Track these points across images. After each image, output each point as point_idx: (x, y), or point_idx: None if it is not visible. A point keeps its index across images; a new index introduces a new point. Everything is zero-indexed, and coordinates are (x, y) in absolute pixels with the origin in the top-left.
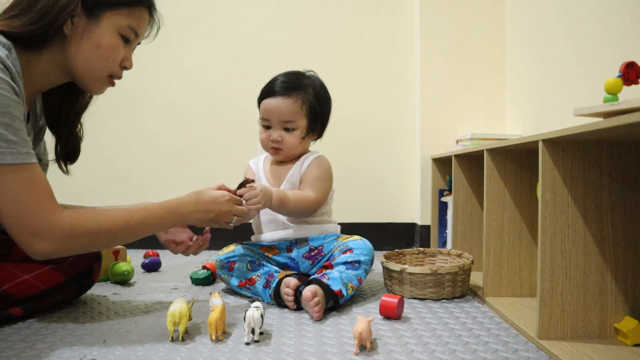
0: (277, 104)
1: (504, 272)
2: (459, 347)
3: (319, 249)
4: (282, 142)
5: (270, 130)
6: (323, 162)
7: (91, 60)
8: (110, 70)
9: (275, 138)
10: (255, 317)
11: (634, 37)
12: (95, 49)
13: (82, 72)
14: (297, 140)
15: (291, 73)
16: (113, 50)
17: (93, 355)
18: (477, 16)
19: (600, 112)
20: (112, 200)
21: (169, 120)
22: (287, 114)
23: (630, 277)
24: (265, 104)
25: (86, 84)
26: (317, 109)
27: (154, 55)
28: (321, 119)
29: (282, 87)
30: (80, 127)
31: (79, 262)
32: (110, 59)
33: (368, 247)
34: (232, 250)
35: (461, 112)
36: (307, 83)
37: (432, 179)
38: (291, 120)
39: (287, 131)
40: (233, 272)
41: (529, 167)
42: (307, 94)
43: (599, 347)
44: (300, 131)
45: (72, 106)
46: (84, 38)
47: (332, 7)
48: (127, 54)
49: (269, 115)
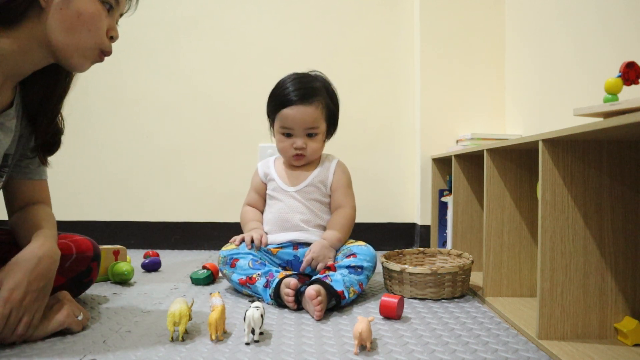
0: (300, 113)
1: (504, 272)
2: (459, 347)
3: None
4: (306, 148)
5: (292, 138)
6: (345, 167)
7: (74, 32)
8: (98, 41)
9: (300, 145)
10: (255, 317)
11: (634, 37)
12: (76, 17)
13: (66, 46)
14: (320, 145)
15: (299, 78)
16: (95, 17)
17: (93, 355)
18: (477, 16)
19: (600, 112)
20: (111, 200)
21: (167, 120)
22: (311, 121)
23: (630, 277)
24: (285, 113)
25: (70, 58)
26: (333, 110)
27: (152, 55)
28: (336, 119)
29: (300, 94)
30: (61, 117)
31: (78, 263)
32: (94, 27)
33: (372, 253)
34: (237, 247)
35: (461, 112)
36: (319, 86)
37: (432, 179)
38: (315, 126)
39: (310, 137)
40: (235, 269)
41: (529, 167)
42: (323, 97)
43: (599, 347)
44: (322, 135)
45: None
46: (63, 8)
47: (331, 6)
48: (111, 24)
49: (292, 125)
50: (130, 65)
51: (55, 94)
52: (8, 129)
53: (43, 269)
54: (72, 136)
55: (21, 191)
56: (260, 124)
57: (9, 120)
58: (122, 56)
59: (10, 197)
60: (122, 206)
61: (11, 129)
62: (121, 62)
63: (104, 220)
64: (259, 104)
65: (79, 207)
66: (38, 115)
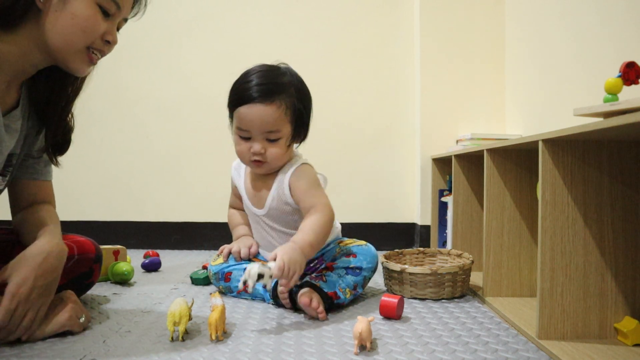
0: (258, 113)
1: (504, 272)
2: (459, 347)
3: (319, 258)
4: (265, 154)
5: (250, 141)
6: (302, 172)
7: (68, 33)
8: (88, 41)
9: (257, 150)
10: (252, 271)
11: (634, 37)
12: (70, 19)
13: (60, 48)
14: (283, 150)
15: (265, 71)
16: (90, 20)
17: (93, 355)
18: (477, 16)
19: (600, 112)
20: (111, 200)
21: (168, 121)
22: (271, 124)
23: (630, 277)
24: (242, 112)
25: (65, 61)
26: (302, 111)
27: (153, 56)
28: (306, 120)
29: (261, 91)
30: (71, 116)
31: (79, 264)
32: (88, 29)
33: (372, 253)
34: (226, 260)
35: (461, 112)
36: (286, 81)
37: (432, 179)
38: (275, 129)
39: (270, 142)
40: (231, 282)
41: (529, 167)
42: (289, 95)
43: (599, 347)
44: (285, 139)
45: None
46: (58, 10)
47: (331, 7)
48: (110, 28)
49: (248, 126)
50: (131, 66)
51: (64, 93)
52: (13, 130)
53: (50, 264)
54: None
55: (26, 191)
56: None
57: (15, 122)
58: (123, 57)
59: (15, 197)
60: (122, 206)
61: (17, 130)
62: (122, 62)
63: (104, 220)
64: None
65: (79, 207)
66: (47, 114)
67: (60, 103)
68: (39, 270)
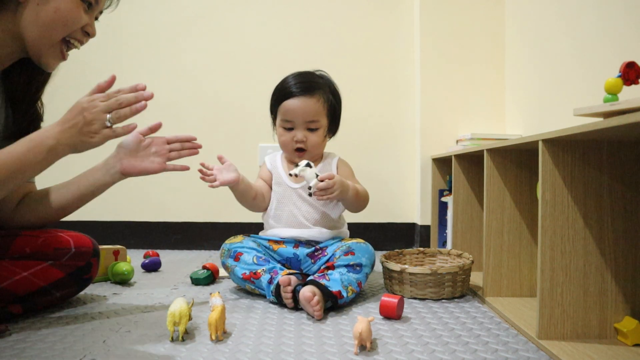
0: (301, 104)
1: (504, 272)
2: (459, 347)
3: (323, 249)
4: (306, 142)
5: (294, 131)
6: (346, 162)
7: (48, 26)
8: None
9: (300, 138)
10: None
11: (634, 37)
12: (53, 13)
13: (37, 40)
14: (321, 139)
15: (302, 73)
16: (73, 12)
17: (93, 355)
18: (477, 16)
19: (600, 112)
20: (111, 200)
21: (168, 120)
22: (312, 114)
23: (630, 277)
24: (287, 105)
25: (39, 54)
26: (335, 107)
27: (153, 55)
28: (338, 115)
29: (302, 87)
30: (40, 104)
31: (76, 257)
32: (70, 22)
33: (370, 250)
34: (240, 241)
35: (461, 112)
36: (322, 82)
37: (432, 179)
38: (315, 120)
39: (310, 131)
40: (239, 263)
41: (529, 167)
42: (325, 92)
43: (599, 347)
44: (323, 130)
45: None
46: (41, 4)
47: (332, 7)
48: (89, 20)
49: (292, 117)
50: (131, 64)
51: (36, 80)
52: None
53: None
54: None
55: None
56: (261, 124)
57: None
58: (122, 55)
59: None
60: (122, 206)
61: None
62: (122, 60)
63: (104, 220)
64: (259, 104)
65: None
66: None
67: (31, 90)
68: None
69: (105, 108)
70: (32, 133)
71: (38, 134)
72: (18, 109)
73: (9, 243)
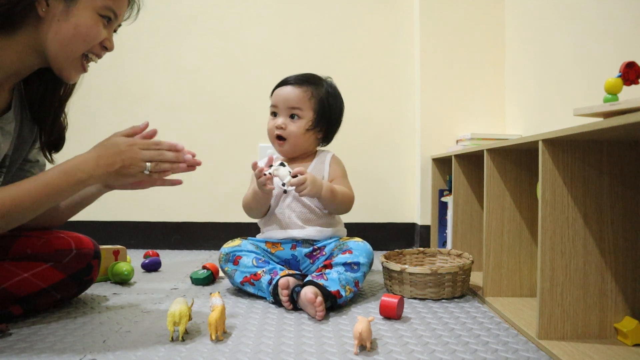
0: (287, 91)
1: (504, 272)
2: (459, 347)
3: (322, 248)
4: (285, 129)
5: (276, 118)
6: (340, 160)
7: (69, 42)
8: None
9: (279, 124)
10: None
11: (634, 37)
12: (73, 29)
13: (59, 55)
14: (301, 131)
15: (306, 73)
16: (93, 29)
17: (93, 355)
18: (477, 16)
19: (600, 112)
20: (111, 200)
21: (167, 120)
22: (294, 101)
23: (630, 277)
24: (276, 91)
25: (60, 68)
26: (326, 106)
27: (153, 55)
28: (328, 118)
29: (295, 78)
30: (64, 116)
31: (77, 259)
32: (90, 38)
33: (368, 249)
34: (238, 244)
35: (461, 112)
36: (320, 82)
37: (432, 179)
38: (297, 107)
39: (292, 119)
40: (238, 267)
41: (529, 167)
42: (318, 88)
43: (599, 347)
44: (306, 122)
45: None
46: (62, 20)
47: (332, 6)
48: (108, 34)
49: (277, 101)
50: (131, 64)
51: (57, 94)
52: (7, 133)
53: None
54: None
55: None
56: (261, 124)
57: (8, 124)
58: (123, 55)
59: None
60: (122, 206)
61: (10, 132)
62: (122, 60)
63: (104, 220)
64: (258, 104)
65: None
66: (41, 114)
67: (54, 103)
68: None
69: (146, 157)
70: (67, 163)
71: (72, 167)
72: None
73: (10, 244)
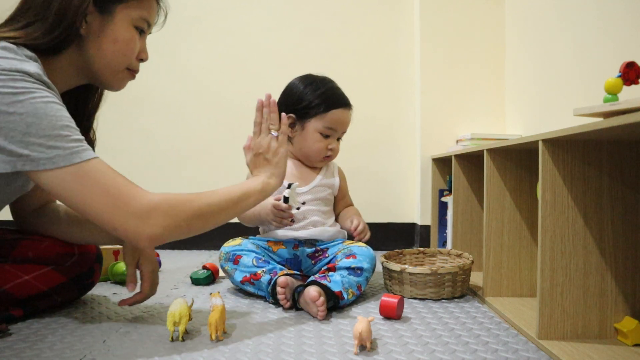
0: (348, 117)
1: (504, 272)
2: (459, 347)
3: (324, 250)
4: (334, 151)
5: (329, 139)
6: (344, 174)
7: (111, 57)
8: (128, 63)
9: (334, 147)
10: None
11: (634, 37)
12: (112, 44)
13: (103, 70)
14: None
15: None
16: (130, 43)
17: (93, 355)
18: (477, 16)
19: (600, 112)
20: None
21: (168, 120)
22: (348, 126)
23: (630, 277)
24: (337, 114)
25: (107, 82)
26: None
27: (155, 55)
28: None
29: (347, 99)
30: (93, 132)
31: (80, 262)
32: (129, 52)
33: (371, 255)
34: (239, 243)
35: (461, 112)
36: None
37: (432, 179)
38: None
39: (338, 140)
40: (238, 266)
41: (529, 167)
42: None
43: (599, 347)
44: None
45: (85, 109)
46: (100, 36)
47: (332, 7)
48: (142, 46)
49: (339, 126)
50: None
51: (86, 109)
52: None
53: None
54: None
55: (37, 195)
56: None
57: None
58: None
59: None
60: None
61: None
62: None
63: None
64: None
65: None
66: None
67: (83, 119)
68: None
69: (265, 130)
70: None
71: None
72: None
73: (12, 246)
